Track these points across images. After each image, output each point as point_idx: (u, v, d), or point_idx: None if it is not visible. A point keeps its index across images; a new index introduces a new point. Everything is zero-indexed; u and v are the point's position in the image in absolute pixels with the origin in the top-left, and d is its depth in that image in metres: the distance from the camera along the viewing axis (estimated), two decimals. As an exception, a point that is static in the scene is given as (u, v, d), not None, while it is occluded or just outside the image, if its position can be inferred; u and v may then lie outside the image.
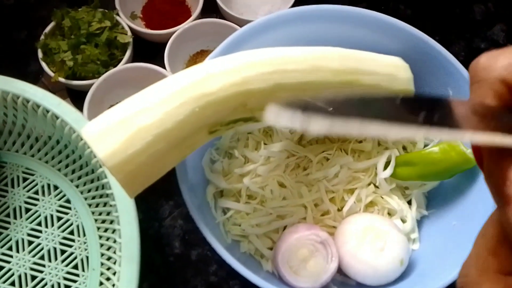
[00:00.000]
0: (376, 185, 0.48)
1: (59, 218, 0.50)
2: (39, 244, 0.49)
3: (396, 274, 0.44)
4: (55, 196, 0.51)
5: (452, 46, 0.63)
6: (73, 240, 0.49)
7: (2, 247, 0.49)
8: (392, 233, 0.43)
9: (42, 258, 0.48)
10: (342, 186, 0.47)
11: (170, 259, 0.51)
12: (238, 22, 0.58)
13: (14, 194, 0.51)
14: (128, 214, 0.41)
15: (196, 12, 0.59)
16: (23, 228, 0.50)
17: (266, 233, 0.46)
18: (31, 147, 0.52)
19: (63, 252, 0.49)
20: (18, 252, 0.49)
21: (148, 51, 0.60)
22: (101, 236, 0.49)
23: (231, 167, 0.47)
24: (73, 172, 0.51)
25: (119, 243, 0.41)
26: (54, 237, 0.49)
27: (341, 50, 0.40)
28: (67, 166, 0.51)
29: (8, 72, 0.48)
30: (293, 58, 0.38)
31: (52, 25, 0.57)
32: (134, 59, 0.58)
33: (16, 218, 0.50)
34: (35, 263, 0.48)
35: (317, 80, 0.38)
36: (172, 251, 0.51)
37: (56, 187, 0.52)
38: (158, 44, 0.60)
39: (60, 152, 0.51)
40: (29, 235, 0.49)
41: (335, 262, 0.43)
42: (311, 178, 0.47)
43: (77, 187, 0.51)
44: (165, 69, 0.55)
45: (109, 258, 0.46)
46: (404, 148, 0.50)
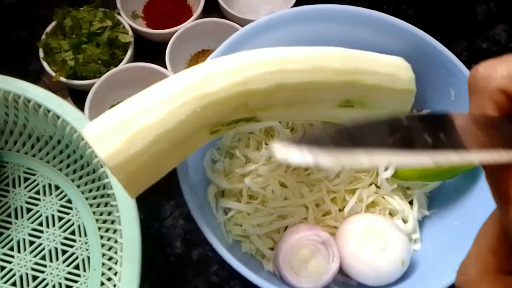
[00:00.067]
0: (378, 185, 0.48)
1: (60, 218, 0.50)
2: (40, 244, 0.49)
3: (398, 275, 0.44)
4: (56, 196, 0.51)
5: (454, 46, 0.63)
6: (74, 240, 0.49)
7: (3, 247, 0.49)
8: (394, 234, 0.43)
9: (43, 258, 0.48)
10: (344, 186, 0.47)
11: (171, 259, 0.51)
12: (240, 22, 0.58)
13: (15, 194, 0.51)
14: (129, 214, 0.41)
15: (198, 12, 0.59)
16: (24, 228, 0.50)
17: (267, 233, 0.46)
18: (32, 147, 0.52)
19: (64, 252, 0.49)
20: (19, 252, 0.49)
21: (149, 51, 0.60)
22: (102, 236, 0.49)
23: (232, 167, 0.47)
24: (74, 172, 0.51)
25: (120, 243, 0.41)
26: (55, 237, 0.49)
27: (343, 50, 0.40)
28: (68, 166, 0.51)
29: (9, 72, 0.48)
30: (295, 58, 0.37)
31: (53, 25, 0.57)
32: (135, 59, 0.58)
33: (17, 218, 0.50)
34: (36, 263, 0.48)
35: (319, 80, 0.38)
36: (173, 251, 0.51)
37: (57, 187, 0.52)
38: (160, 44, 0.60)
39: (61, 152, 0.51)
40: (30, 235, 0.49)
41: (336, 263, 0.43)
42: (312, 178, 0.47)
43: (78, 187, 0.51)
44: (166, 69, 0.55)
45: (110, 258, 0.46)
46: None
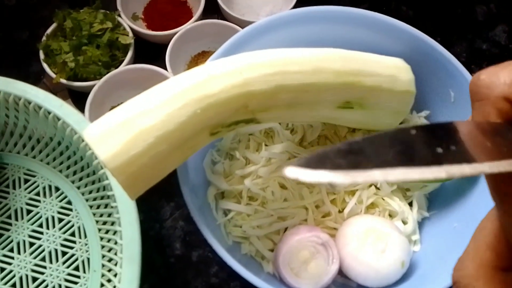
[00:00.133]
0: (377, 187, 0.48)
1: (60, 220, 0.50)
2: (40, 246, 0.49)
3: (397, 276, 0.44)
4: (56, 198, 0.51)
5: (454, 47, 0.63)
6: (74, 242, 0.49)
7: (3, 249, 0.49)
8: (393, 235, 0.43)
9: (43, 260, 0.48)
10: (343, 188, 0.47)
11: (171, 260, 0.51)
12: (240, 23, 0.58)
13: (16, 196, 0.51)
14: (129, 216, 0.41)
15: (198, 13, 0.59)
16: (24, 230, 0.50)
17: (267, 235, 0.46)
18: (33, 149, 0.52)
19: (64, 254, 0.49)
20: (19, 254, 0.49)
21: (150, 52, 0.60)
22: (102, 238, 0.49)
23: (232, 169, 0.47)
24: (74, 174, 0.51)
25: (120, 245, 0.41)
26: (55, 239, 0.49)
27: (343, 52, 0.40)
28: (69, 168, 0.51)
29: (10, 73, 0.48)
30: (295, 60, 0.38)
31: (54, 26, 0.57)
32: (136, 60, 0.58)
33: (17, 220, 0.50)
34: (36, 265, 0.48)
35: (319, 82, 0.38)
36: (173, 252, 0.51)
37: (58, 189, 0.52)
38: (160, 45, 0.60)
39: (62, 154, 0.51)
40: (30, 237, 0.49)
41: (336, 264, 0.43)
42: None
43: (78, 189, 0.51)
44: (167, 70, 0.55)
45: (110, 260, 0.46)
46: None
